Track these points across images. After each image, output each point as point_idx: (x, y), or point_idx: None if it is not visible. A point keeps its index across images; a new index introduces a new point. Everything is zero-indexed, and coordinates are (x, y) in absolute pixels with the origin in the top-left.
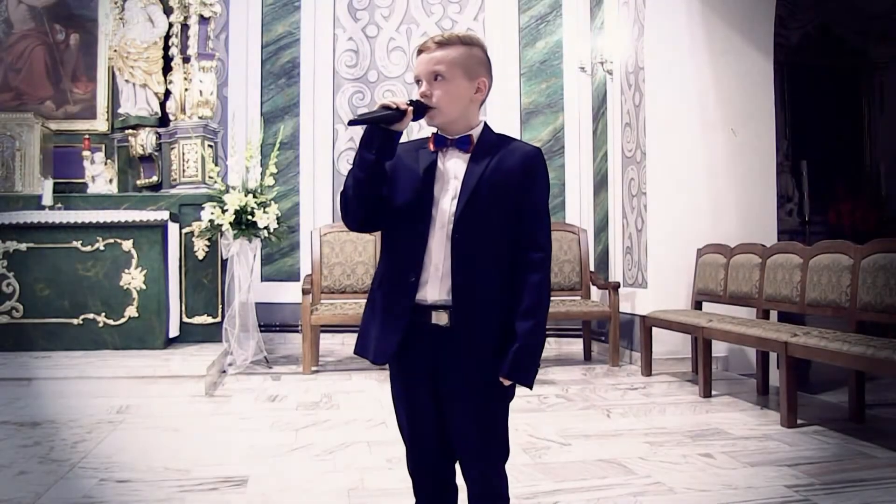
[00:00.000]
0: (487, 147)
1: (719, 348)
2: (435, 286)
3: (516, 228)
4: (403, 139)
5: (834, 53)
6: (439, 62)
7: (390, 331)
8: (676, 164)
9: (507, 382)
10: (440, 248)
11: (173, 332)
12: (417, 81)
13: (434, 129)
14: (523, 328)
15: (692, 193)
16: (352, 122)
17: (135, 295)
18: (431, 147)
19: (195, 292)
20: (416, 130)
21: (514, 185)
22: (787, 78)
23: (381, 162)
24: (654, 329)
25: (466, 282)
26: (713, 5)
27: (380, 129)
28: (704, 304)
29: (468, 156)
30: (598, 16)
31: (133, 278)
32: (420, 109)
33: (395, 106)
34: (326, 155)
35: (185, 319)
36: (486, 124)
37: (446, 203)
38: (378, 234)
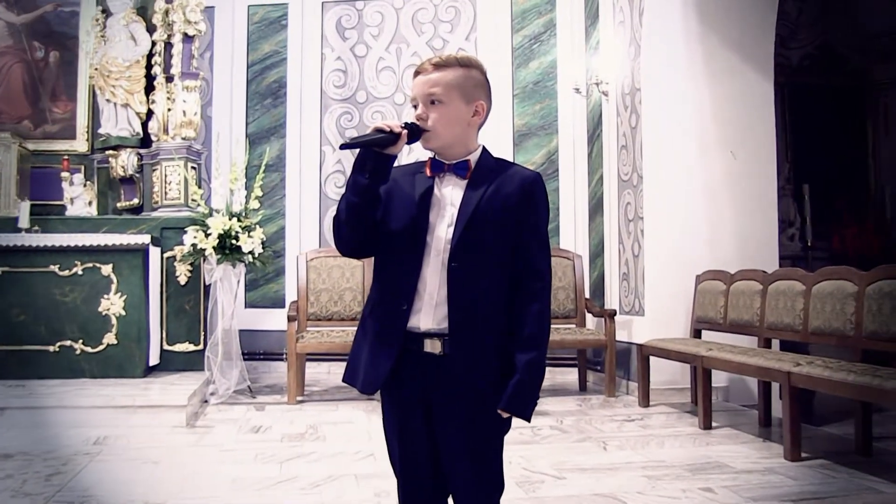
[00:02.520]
0: (486, 172)
1: (720, 378)
2: (428, 314)
3: (515, 256)
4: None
5: (836, 73)
6: (435, 84)
7: (381, 359)
8: (674, 187)
9: (505, 415)
10: (435, 277)
11: (153, 360)
12: (414, 105)
13: (431, 154)
14: (523, 360)
15: (691, 218)
16: (344, 146)
17: (114, 321)
18: (428, 172)
19: (177, 319)
20: (406, 154)
21: (512, 211)
22: (788, 99)
23: (375, 186)
24: (651, 358)
25: (462, 310)
26: (712, 25)
27: (373, 152)
28: (704, 332)
29: (465, 182)
30: (594, 35)
31: (112, 304)
32: (415, 132)
33: (388, 129)
34: (313, 178)
35: (166, 347)
36: (484, 149)
37: (442, 230)
38: (367, 260)
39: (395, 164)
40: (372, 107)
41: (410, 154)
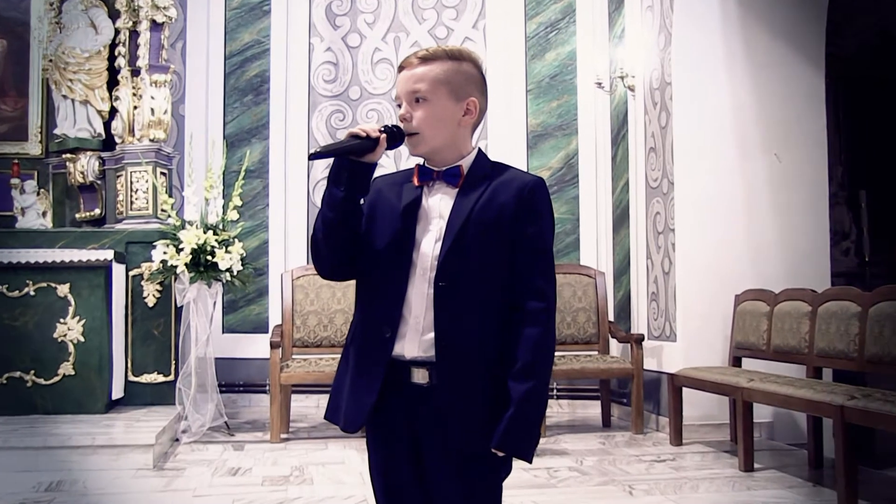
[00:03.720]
0: (479, 179)
1: (763, 413)
2: (414, 341)
3: (513, 273)
4: (392, 169)
5: None
6: (420, 80)
7: (363, 393)
8: (710, 195)
9: (502, 455)
10: (420, 298)
11: (117, 392)
12: (399, 105)
13: (420, 160)
14: (518, 391)
15: (729, 230)
16: (313, 156)
17: (71, 349)
18: (416, 181)
19: (144, 346)
20: (405, 159)
21: (508, 222)
22: (842, 94)
23: (352, 200)
24: (684, 390)
25: (451, 336)
26: (753, 10)
27: (348, 161)
28: (744, 360)
29: (456, 190)
30: (618, 22)
31: (70, 329)
32: (396, 137)
33: (364, 134)
34: (300, 185)
35: (132, 378)
36: (480, 152)
37: (428, 246)
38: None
39: (383, 172)
40: (367, 104)
41: (408, 160)
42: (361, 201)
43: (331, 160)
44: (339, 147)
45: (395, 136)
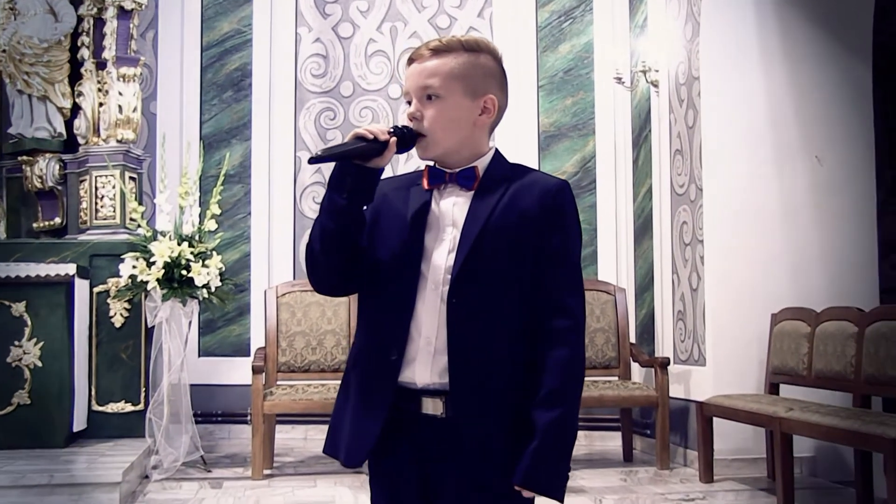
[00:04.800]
0: (497, 181)
1: (803, 446)
2: (425, 365)
3: (536, 288)
4: (393, 172)
5: None
6: (432, 74)
7: (366, 423)
8: (743, 202)
9: (526, 494)
10: (432, 316)
11: (78, 424)
12: (408, 102)
13: (430, 163)
14: (545, 420)
15: (764, 241)
16: (314, 160)
17: (27, 375)
18: (425, 184)
19: (110, 371)
20: (405, 160)
21: (531, 230)
22: (891, 88)
23: (356, 208)
24: (715, 420)
25: (467, 359)
26: None
27: (353, 166)
28: (782, 386)
29: (471, 194)
30: (640, 10)
31: (25, 353)
32: (407, 139)
33: (372, 135)
34: (286, 191)
35: (96, 407)
36: (497, 152)
37: (441, 257)
38: (354, 295)
39: (385, 175)
40: (360, 101)
41: (409, 161)
42: (365, 209)
43: (321, 166)
44: (343, 150)
45: (405, 139)
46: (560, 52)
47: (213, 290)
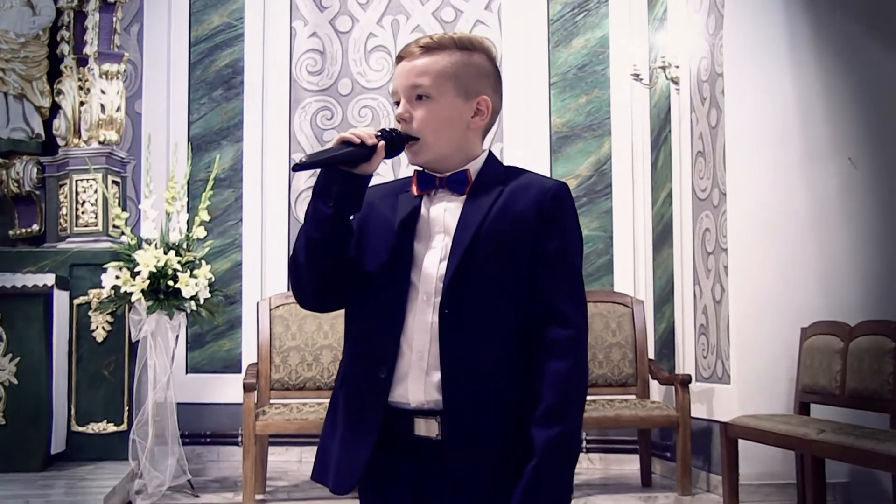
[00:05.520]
0: (490, 184)
1: (837, 471)
2: (418, 382)
3: (533, 296)
4: (383, 179)
5: None
6: (422, 73)
7: (355, 447)
8: (770, 208)
9: None
10: (423, 329)
11: (57, 446)
12: (396, 102)
13: (418, 167)
14: (544, 438)
15: (793, 250)
16: (298, 167)
17: (2, 393)
18: (415, 190)
19: (91, 389)
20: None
21: (527, 234)
22: None
23: (342, 217)
24: (740, 442)
25: (462, 376)
26: None
27: (340, 173)
28: (813, 406)
29: (463, 199)
30: (660, 1)
31: (0, 369)
32: (397, 143)
33: (358, 140)
34: (280, 196)
35: (76, 428)
36: (490, 155)
37: (432, 265)
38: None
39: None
40: (359, 100)
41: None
42: (352, 218)
43: (317, 170)
44: (328, 156)
45: (394, 143)
46: (573, 47)
47: (201, 302)
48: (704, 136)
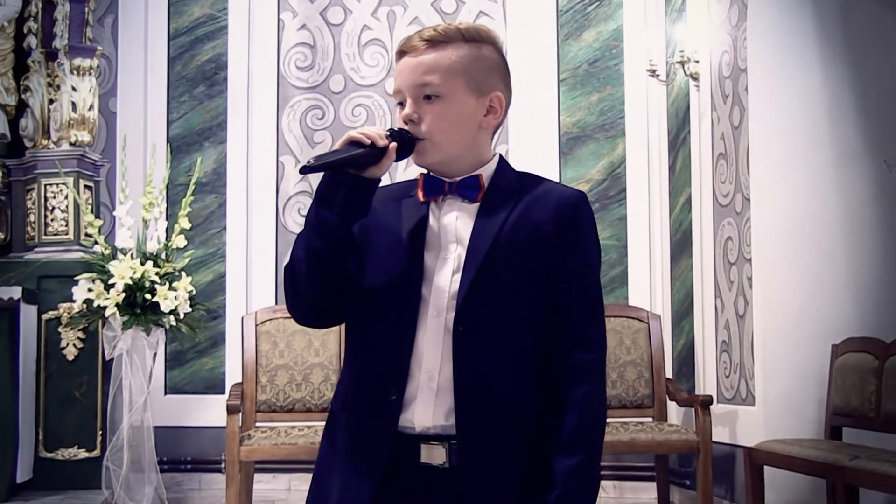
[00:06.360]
0: (505, 192)
1: (872, 500)
2: (427, 406)
3: (552, 313)
4: (391, 180)
5: None
6: (430, 70)
7: (360, 477)
8: (797, 214)
9: None
10: (435, 348)
11: (23, 473)
12: (400, 102)
13: (424, 170)
14: (564, 467)
15: (823, 260)
16: (306, 169)
17: None
18: (421, 196)
19: (61, 412)
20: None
21: (545, 246)
22: None
23: (348, 225)
24: (766, 468)
25: (476, 399)
26: None
27: (347, 176)
28: (845, 430)
29: (476, 206)
30: None
31: None
32: (410, 143)
33: (368, 141)
34: (267, 202)
35: (44, 454)
36: (501, 159)
37: (444, 279)
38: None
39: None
40: (353, 98)
41: (409, 168)
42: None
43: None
44: (337, 158)
45: (406, 144)
46: (585, 41)
47: (181, 317)
48: (726, 137)
